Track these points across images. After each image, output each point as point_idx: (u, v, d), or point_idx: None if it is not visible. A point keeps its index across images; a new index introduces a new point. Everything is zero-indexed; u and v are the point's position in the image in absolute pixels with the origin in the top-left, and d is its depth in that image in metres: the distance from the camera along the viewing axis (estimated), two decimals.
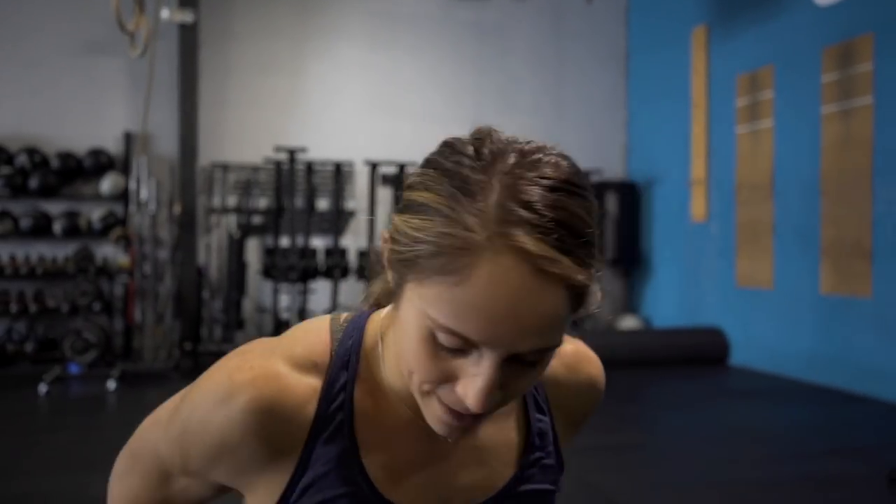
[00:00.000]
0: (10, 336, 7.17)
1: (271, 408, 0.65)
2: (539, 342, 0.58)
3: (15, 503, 3.45)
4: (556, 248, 0.56)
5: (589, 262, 0.59)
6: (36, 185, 7.19)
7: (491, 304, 0.56)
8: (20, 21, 7.36)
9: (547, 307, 0.57)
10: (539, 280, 0.56)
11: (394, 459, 0.69)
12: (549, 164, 0.60)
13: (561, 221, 0.57)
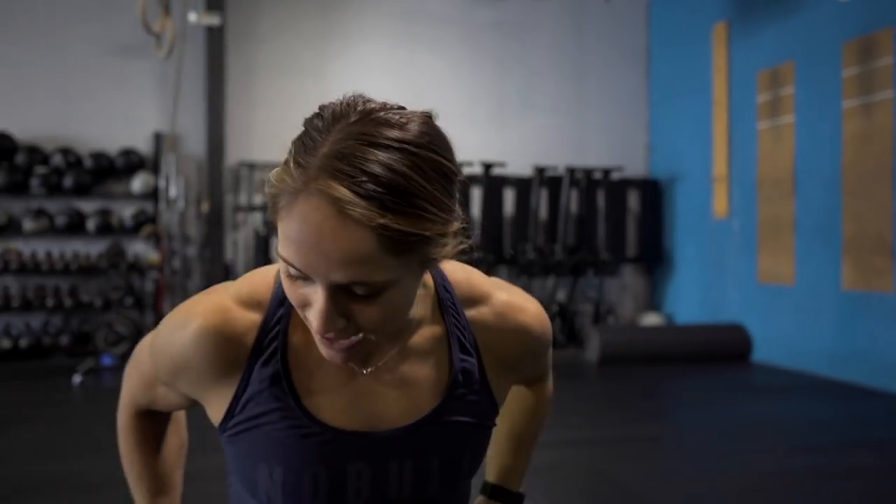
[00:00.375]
0: (47, 329, 7.43)
1: (216, 334, 0.78)
2: (352, 275, 0.67)
3: (51, 481, 3.63)
4: (358, 194, 0.64)
5: (401, 210, 0.65)
6: (70, 184, 7.45)
7: (300, 237, 0.67)
8: (54, 27, 7.62)
9: (349, 244, 0.65)
10: (341, 220, 0.65)
11: (321, 383, 0.80)
12: (386, 124, 0.69)
13: (372, 173, 0.65)
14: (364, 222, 0.64)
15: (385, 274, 0.68)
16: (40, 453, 4.13)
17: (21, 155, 7.43)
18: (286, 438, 0.77)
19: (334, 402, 0.80)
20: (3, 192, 7.33)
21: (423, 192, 0.67)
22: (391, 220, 0.65)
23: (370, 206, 0.64)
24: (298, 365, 0.79)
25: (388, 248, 0.66)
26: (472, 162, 8.34)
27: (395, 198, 0.65)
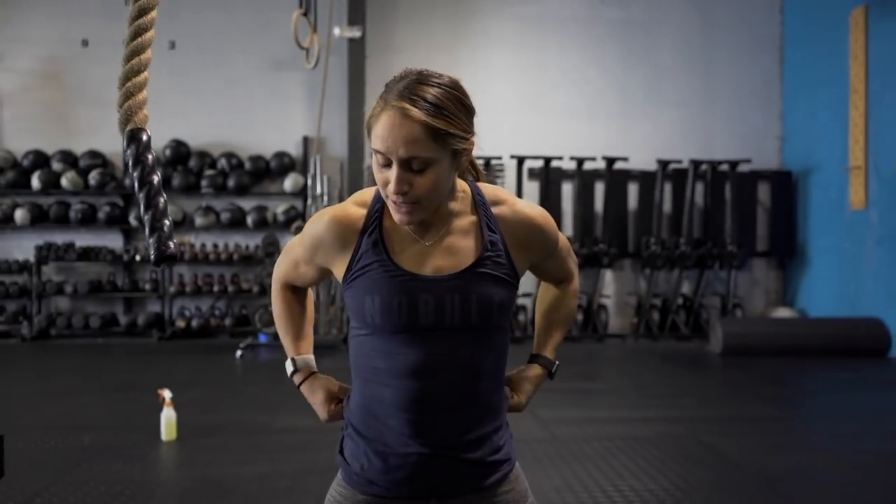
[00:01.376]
0: (213, 312, 8.47)
1: (339, 220, 1.25)
2: (411, 151, 1.12)
3: (219, 429, 4.35)
4: (414, 105, 1.12)
5: (437, 115, 1.11)
6: (233, 184, 8.46)
7: (383, 132, 1.13)
8: (221, 46, 8.67)
9: (409, 132, 1.11)
10: (405, 119, 1.11)
11: (402, 248, 1.24)
12: (431, 76, 1.17)
13: (421, 96, 1.12)
14: (416, 120, 1.11)
15: (429, 152, 1.12)
16: (210, 407, 4.91)
17: (193, 160, 8.53)
18: (382, 278, 1.21)
19: (411, 258, 1.23)
20: (179, 192, 8.45)
21: (450, 109, 1.14)
22: (431, 119, 1.11)
23: (419, 111, 1.11)
24: (389, 237, 1.24)
25: (430, 136, 1.11)
26: (594, 157, 8.57)
27: (433, 108, 1.12)
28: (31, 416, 4.68)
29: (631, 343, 8.34)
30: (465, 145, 1.16)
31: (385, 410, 1.25)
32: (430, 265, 1.23)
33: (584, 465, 3.64)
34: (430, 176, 1.14)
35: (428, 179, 1.14)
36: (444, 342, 1.21)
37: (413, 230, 1.23)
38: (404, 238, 1.24)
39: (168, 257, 0.93)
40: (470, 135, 1.17)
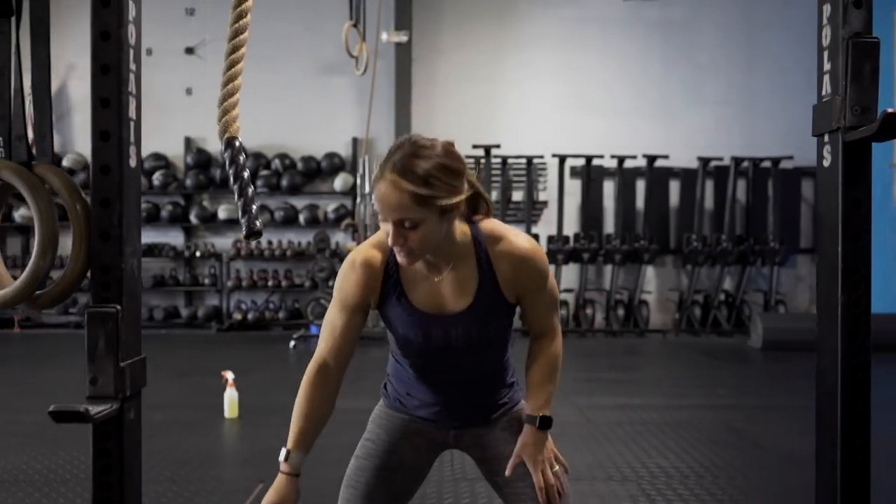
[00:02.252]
0: (268, 306, 8.91)
1: (365, 266, 1.49)
2: (400, 215, 1.33)
3: (277, 409, 4.70)
4: (401, 176, 1.33)
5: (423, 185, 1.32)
6: (286, 184, 8.88)
7: (380, 198, 1.35)
8: (273, 53, 9.08)
9: (398, 200, 1.33)
10: (393, 188, 1.33)
11: (415, 289, 1.49)
12: (421, 147, 1.36)
13: (408, 166, 1.33)
14: (404, 190, 1.33)
15: (417, 214, 1.35)
16: (267, 391, 5.28)
17: (249, 161, 8.98)
18: (401, 315, 1.51)
19: (423, 296, 1.50)
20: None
21: (436, 178, 1.35)
22: (417, 189, 1.33)
23: (407, 183, 1.33)
24: (405, 274, 1.50)
25: (417, 202, 1.34)
26: (635, 155, 8.72)
27: (420, 180, 1.34)
28: None
29: (672, 338, 8.46)
30: (452, 203, 1.38)
31: (413, 387, 1.63)
32: (439, 303, 1.51)
33: (615, 445, 3.87)
34: (420, 231, 1.37)
35: (419, 234, 1.37)
36: (452, 355, 1.55)
37: (423, 267, 1.50)
38: (417, 275, 1.51)
39: (255, 233, 1.22)
40: (456, 194, 1.38)
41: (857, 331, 1.01)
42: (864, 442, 1.11)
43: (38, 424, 4.34)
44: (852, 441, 1.13)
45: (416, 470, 1.65)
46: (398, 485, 1.62)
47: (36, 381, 5.87)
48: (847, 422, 1.08)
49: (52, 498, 3.07)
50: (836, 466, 1.07)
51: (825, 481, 1.09)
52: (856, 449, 1.08)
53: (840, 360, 1.03)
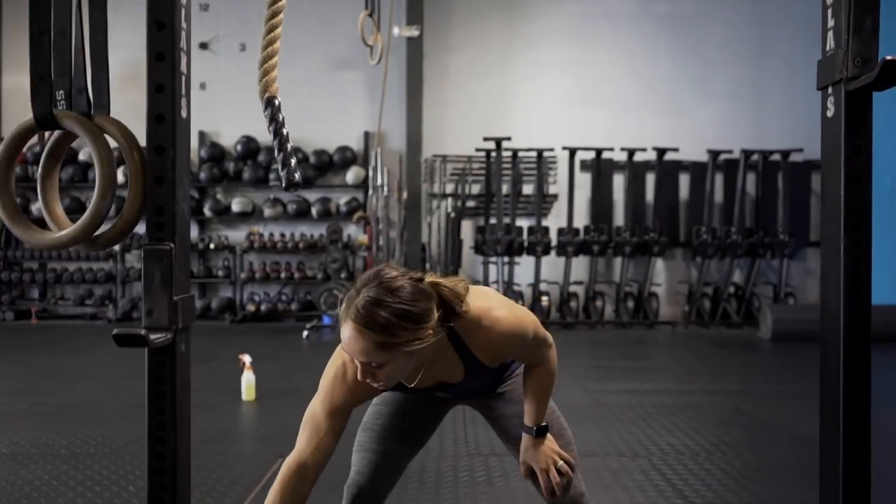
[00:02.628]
0: (281, 297, 9.02)
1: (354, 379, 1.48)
2: (365, 358, 1.35)
3: (292, 392, 4.81)
4: (364, 325, 1.32)
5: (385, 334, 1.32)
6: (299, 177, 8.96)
7: (344, 337, 1.36)
8: (286, 48, 9.14)
9: (363, 346, 1.34)
10: (359, 336, 1.33)
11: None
12: (379, 288, 1.35)
13: (371, 316, 1.32)
14: (367, 338, 1.34)
15: (382, 358, 1.36)
16: (283, 376, 5.38)
17: (262, 154, 9.08)
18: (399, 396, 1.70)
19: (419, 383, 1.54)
20: (249, 184, 9.02)
21: (397, 327, 1.34)
22: (378, 338, 1.34)
23: (369, 332, 1.33)
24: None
25: (380, 348, 1.35)
26: (645, 148, 8.77)
27: (380, 329, 1.33)
28: (127, 378, 5.24)
29: (681, 329, 8.52)
30: (416, 344, 1.37)
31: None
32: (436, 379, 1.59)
33: (625, 425, 3.95)
34: (387, 369, 1.39)
35: (386, 371, 1.40)
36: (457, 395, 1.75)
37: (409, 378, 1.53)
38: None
39: (294, 184, 1.31)
40: (421, 336, 1.37)
41: (859, 268, 1.09)
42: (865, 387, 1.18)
43: (60, 406, 4.45)
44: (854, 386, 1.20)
45: (429, 418, 1.76)
46: (412, 430, 1.72)
47: (54, 367, 6.00)
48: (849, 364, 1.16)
49: (80, 469, 3.18)
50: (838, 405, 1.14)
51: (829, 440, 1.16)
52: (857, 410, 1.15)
53: (843, 295, 1.11)
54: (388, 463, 1.68)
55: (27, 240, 1.15)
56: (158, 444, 1.10)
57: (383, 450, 1.68)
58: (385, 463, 1.68)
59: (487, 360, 1.56)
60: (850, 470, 1.13)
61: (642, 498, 2.84)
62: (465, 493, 2.92)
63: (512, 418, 1.73)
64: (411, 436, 1.72)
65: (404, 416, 1.71)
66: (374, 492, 1.68)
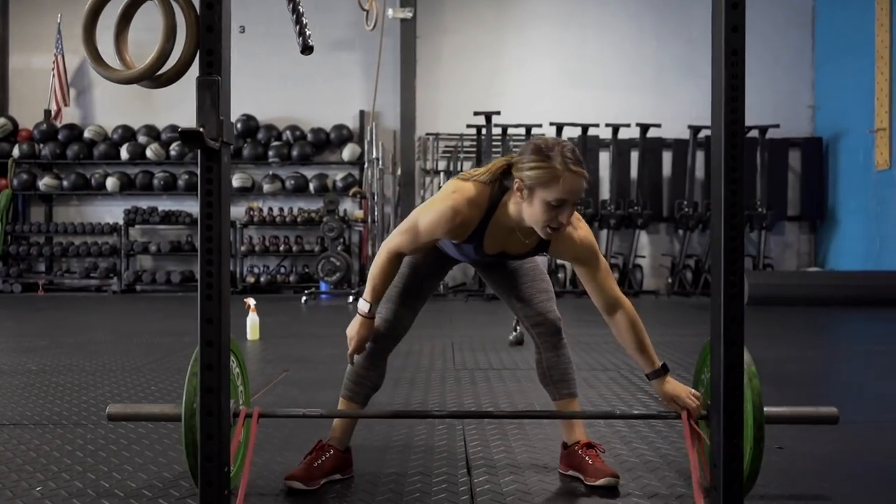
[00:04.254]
0: (279, 270, 9.35)
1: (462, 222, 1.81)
2: (577, 197, 1.73)
3: (293, 335, 5.17)
4: (580, 164, 1.71)
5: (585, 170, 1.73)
6: (297, 154, 9.32)
7: (571, 187, 1.70)
8: (285, 30, 9.50)
9: (581, 187, 1.72)
10: (578, 176, 1.70)
11: (491, 239, 1.87)
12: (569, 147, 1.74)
13: (579, 160, 1.71)
14: (583, 175, 1.72)
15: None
16: (284, 328, 5.74)
17: (261, 132, 9.42)
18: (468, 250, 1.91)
19: (493, 245, 1.89)
20: (249, 161, 9.35)
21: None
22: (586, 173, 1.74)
23: (583, 170, 1.72)
24: (488, 234, 1.86)
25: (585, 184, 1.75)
26: (629, 124, 9.13)
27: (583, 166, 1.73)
28: (136, 326, 5.57)
29: (664, 299, 8.89)
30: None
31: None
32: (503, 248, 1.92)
33: (600, 353, 4.30)
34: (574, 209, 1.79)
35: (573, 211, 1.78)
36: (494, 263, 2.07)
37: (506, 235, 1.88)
38: (499, 230, 1.87)
39: (309, 48, 1.65)
40: None
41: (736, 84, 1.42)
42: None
43: (77, 343, 4.78)
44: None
45: (437, 279, 2.12)
46: (425, 289, 2.07)
47: (67, 321, 6.32)
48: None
49: (107, 379, 3.51)
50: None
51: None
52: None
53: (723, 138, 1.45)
54: (407, 313, 2.03)
55: (107, 75, 1.48)
56: (207, 230, 1.44)
57: (403, 302, 2.02)
58: (404, 313, 2.02)
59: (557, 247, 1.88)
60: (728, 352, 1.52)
61: (608, 392, 3.20)
62: (451, 389, 3.27)
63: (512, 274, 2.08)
64: (424, 294, 2.07)
65: (422, 278, 2.04)
66: (393, 337, 2.03)
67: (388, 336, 2.02)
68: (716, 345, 1.56)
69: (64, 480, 1.98)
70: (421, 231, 1.85)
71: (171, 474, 2.04)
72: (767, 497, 1.86)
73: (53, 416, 2.72)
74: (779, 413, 1.85)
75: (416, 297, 2.04)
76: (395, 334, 2.02)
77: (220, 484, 1.48)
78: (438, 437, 2.42)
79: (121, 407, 1.90)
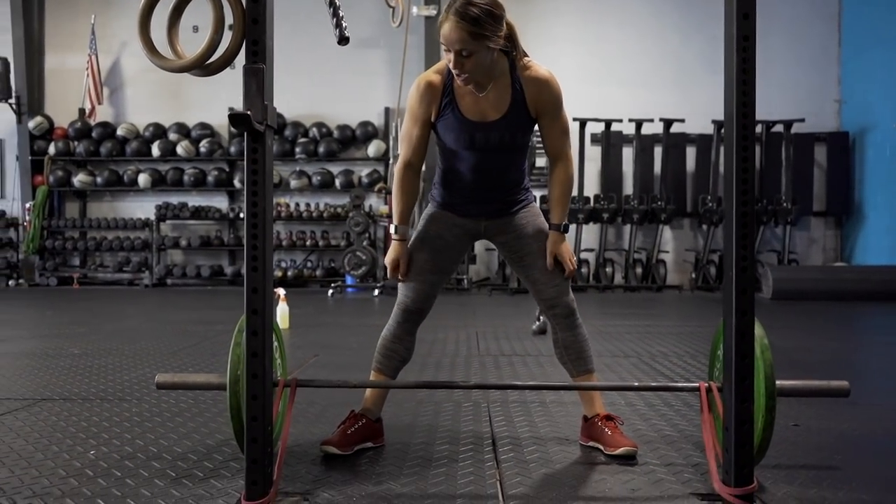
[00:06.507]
0: (306, 264, 9.52)
1: (427, 86, 2.03)
2: (461, 46, 1.86)
3: (322, 325, 5.29)
4: (459, 17, 1.85)
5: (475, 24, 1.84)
6: (323, 150, 9.47)
7: (443, 33, 1.90)
8: (311, 28, 9.68)
9: (460, 35, 1.85)
10: (457, 26, 1.85)
11: (465, 104, 2.01)
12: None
13: (466, 12, 1.84)
14: (462, 28, 1.85)
15: (470, 47, 1.87)
16: (312, 319, 5.87)
17: (288, 129, 9.59)
18: (453, 122, 2.02)
19: (469, 109, 2.00)
20: (276, 158, 9.53)
21: (484, 20, 1.85)
22: (471, 28, 1.85)
23: (464, 22, 1.84)
24: (457, 95, 2.01)
25: (471, 37, 1.86)
26: (652, 119, 9.16)
27: (473, 21, 1.84)
28: (170, 315, 5.75)
29: (688, 293, 8.90)
30: (495, 41, 1.90)
31: (457, 182, 2.12)
32: (482, 113, 2.02)
33: (623, 341, 4.38)
34: (472, 59, 1.90)
35: (471, 62, 1.90)
36: (489, 153, 2.07)
37: (472, 88, 2.01)
38: (466, 92, 2.02)
39: (345, 38, 1.76)
40: (499, 33, 1.89)
41: (747, 68, 1.51)
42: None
43: (114, 331, 4.96)
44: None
45: (455, 251, 2.20)
46: (444, 262, 2.16)
47: (102, 311, 6.53)
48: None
49: (146, 362, 3.67)
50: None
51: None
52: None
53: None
54: (427, 288, 2.13)
55: (160, 64, 1.60)
56: (253, 206, 1.56)
57: (423, 278, 2.13)
58: (425, 288, 2.13)
59: (529, 101, 2.00)
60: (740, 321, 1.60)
61: (629, 376, 3.29)
62: (475, 372, 3.38)
63: (528, 238, 2.15)
64: (443, 267, 2.16)
65: (434, 252, 2.14)
66: (419, 311, 2.14)
67: (414, 311, 2.13)
68: (728, 315, 1.65)
69: (115, 446, 2.12)
70: (407, 118, 2.07)
71: (213, 441, 2.17)
72: (780, 467, 1.94)
73: (100, 392, 2.88)
74: (791, 386, 1.92)
75: (437, 272, 2.14)
76: (420, 307, 2.14)
77: (264, 441, 1.60)
78: (464, 414, 2.53)
79: (168, 376, 2.04)
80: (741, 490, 1.61)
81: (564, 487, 1.79)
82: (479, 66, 1.91)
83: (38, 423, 2.37)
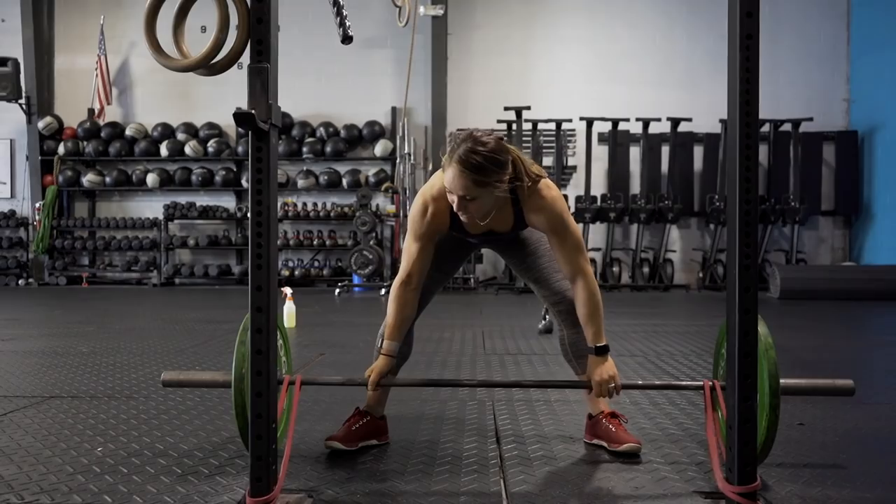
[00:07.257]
0: (313, 264, 9.54)
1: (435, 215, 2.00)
2: (465, 192, 1.84)
3: (328, 324, 5.31)
4: (463, 166, 1.81)
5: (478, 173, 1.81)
6: (330, 150, 9.50)
7: (447, 178, 1.87)
8: (318, 29, 9.70)
9: (463, 182, 1.83)
10: (458, 172, 1.83)
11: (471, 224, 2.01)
12: (478, 143, 1.83)
13: (470, 162, 1.81)
14: (466, 175, 1.81)
15: (474, 193, 1.85)
16: (319, 318, 5.89)
17: (295, 129, 9.62)
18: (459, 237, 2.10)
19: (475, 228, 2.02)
20: (283, 157, 9.55)
21: (488, 169, 1.82)
22: (475, 177, 1.82)
23: (468, 171, 1.81)
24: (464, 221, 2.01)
25: (474, 185, 1.83)
26: (659, 118, 9.14)
27: (476, 169, 1.81)
28: (179, 314, 5.78)
29: (695, 293, 8.88)
30: (498, 186, 1.87)
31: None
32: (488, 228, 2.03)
33: (629, 340, 4.38)
34: (476, 203, 1.89)
35: (475, 205, 1.89)
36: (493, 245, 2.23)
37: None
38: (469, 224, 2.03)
39: (349, 38, 1.77)
40: (502, 179, 1.86)
41: (750, 66, 1.51)
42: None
43: (123, 329, 4.98)
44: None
45: (459, 258, 2.24)
46: (447, 264, 2.19)
47: (111, 310, 6.57)
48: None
49: (157, 361, 3.70)
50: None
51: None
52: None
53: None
54: (429, 284, 2.15)
55: (166, 64, 1.62)
56: (258, 204, 1.57)
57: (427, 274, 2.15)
58: (427, 284, 2.15)
59: (531, 222, 2.01)
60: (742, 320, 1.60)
61: (635, 375, 3.29)
62: (480, 370, 3.38)
63: (525, 240, 2.18)
64: (444, 267, 2.19)
65: (443, 254, 2.16)
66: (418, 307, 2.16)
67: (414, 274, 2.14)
68: (731, 313, 1.65)
69: (122, 443, 2.14)
70: (410, 234, 2.03)
71: (219, 439, 2.19)
72: (784, 465, 1.94)
73: (107, 390, 2.90)
74: (796, 385, 1.92)
75: (437, 269, 2.15)
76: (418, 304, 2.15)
77: (268, 438, 1.61)
78: (469, 412, 2.54)
79: (174, 374, 2.05)
80: (744, 488, 1.61)
81: (568, 485, 1.79)
82: (483, 209, 1.92)
83: (47, 421, 2.40)
